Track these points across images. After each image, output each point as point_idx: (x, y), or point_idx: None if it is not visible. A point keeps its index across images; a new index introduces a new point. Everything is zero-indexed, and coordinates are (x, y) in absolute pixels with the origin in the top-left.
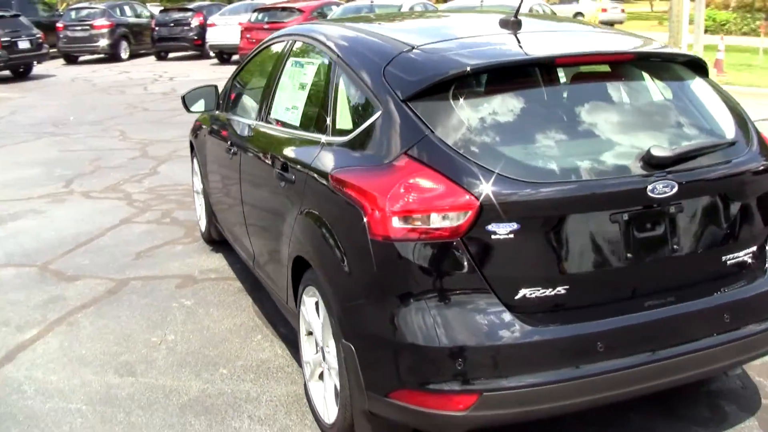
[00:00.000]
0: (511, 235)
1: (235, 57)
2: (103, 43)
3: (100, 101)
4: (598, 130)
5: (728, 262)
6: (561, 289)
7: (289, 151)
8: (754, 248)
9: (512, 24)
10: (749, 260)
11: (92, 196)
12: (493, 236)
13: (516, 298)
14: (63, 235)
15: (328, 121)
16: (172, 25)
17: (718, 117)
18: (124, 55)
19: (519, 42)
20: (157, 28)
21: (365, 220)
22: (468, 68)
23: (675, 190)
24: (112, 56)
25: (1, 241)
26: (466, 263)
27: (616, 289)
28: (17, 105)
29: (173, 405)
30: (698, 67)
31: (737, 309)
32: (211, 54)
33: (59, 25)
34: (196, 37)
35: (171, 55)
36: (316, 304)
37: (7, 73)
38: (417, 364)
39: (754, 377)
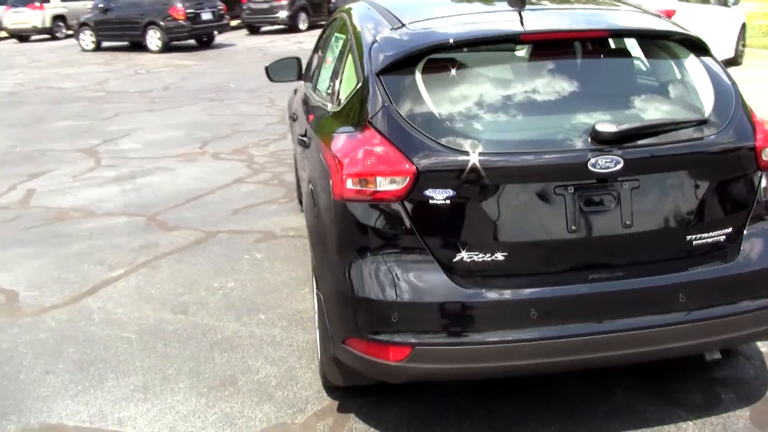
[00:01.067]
0: (447, 201)
1: None
2: (283, 14)
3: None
4: (551, 105)
5: (694, 243)
6: (499, 256)
7: (309, 119)
8: (727, 230)
9: (517, 2)
10: (718, 242)
11: (220, 157)
12: (430, 201)
13: (454, 260)
14: (180, 190)
15: (335, 91)
16: None
17: (700, 96)
18: (303, 26)
19: (506, 19)
20: (333, 1)
21: (330, 181)
22: (426, 45)
23: (620, 166)
24: (291, 27)
25: (126, 193)
26: (406, 225)
27: (558, 260)
28: (191, 72)
29: (206, 342)
30: (693, 45)
31: (696, 291)
32: None
33: None
34: None
35: None
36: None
37: (192, 42)
38: (362, 314)
39: None
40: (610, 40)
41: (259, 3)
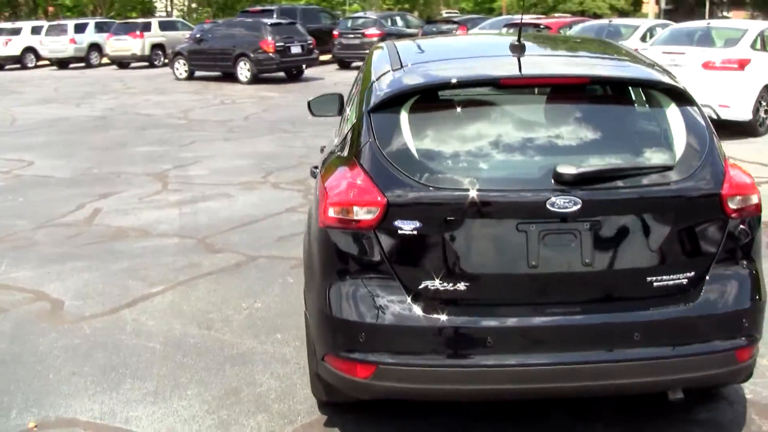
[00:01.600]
0: (415, 232)
1: None
2: None
3: None
4: (521, 147)
5: (654, 284)
6: (461, 286)
7: (322, 151)
8: (689, 274)
9: (517, 48)
10: (680, 285)
11: (279, 187)
12: (399, 231)
13: (419, 287)
14: (234, 216)
15: (341, 127)
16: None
17: (672, 144)
18: None
19: (501, 64)
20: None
21: (320, 209)
22: (412, 87)
23: (578, 207)
24: None
25: (184, 216)
26: (377, 253)
27: (518, 293)
28: (273, 104)
29: (222, 355)
30: (675, 94)
31: (651, 330)
32: None
33: (335, 32)
34: None
35: None
36: None
37: (281, 75)
38: (337, 333)
39: (751, 414)
40: (590, 87)
41: (350, 38)
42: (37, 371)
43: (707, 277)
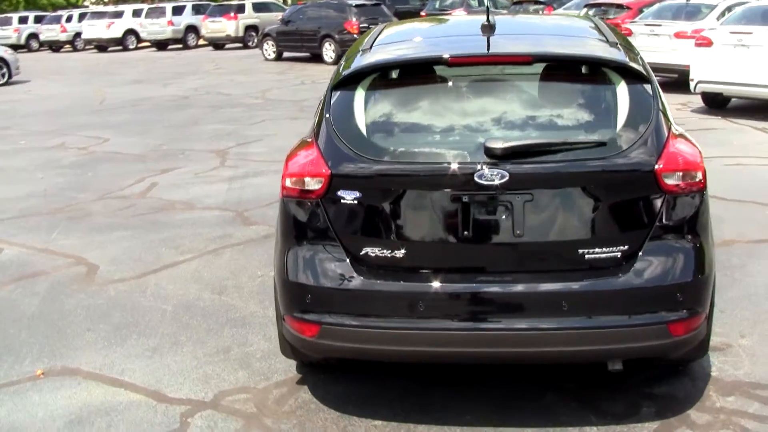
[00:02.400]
0: (356, 202)
1: None
2: None
3: None
4: (462, 123)
5: (586, 256)
6: (398, 253)
7: None
8: (623, 248)
9: (487, 27)
10: (613, 258)
11: None
12: (342, 201)
13: (360, 253)
14: (277, 192)
15: None
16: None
17: (614, 120)
18: None
19: (456, 45)
20: None
21: (281, 181)
22: (368, 66)
23: (505, 179)
24: None
25: (231, 191)
26: (324, 221)
27: (450, 261)
28: None
29: (225, 318)
30: (626, 72)
31: (581, 301)
32: None
33: (423, 12)
34: None
35: None
36: None
37: None
38: (290, 295)
39: (709, 391)
40: (538, 65)
41: None
42: (58, 327)
43: (641, 252)
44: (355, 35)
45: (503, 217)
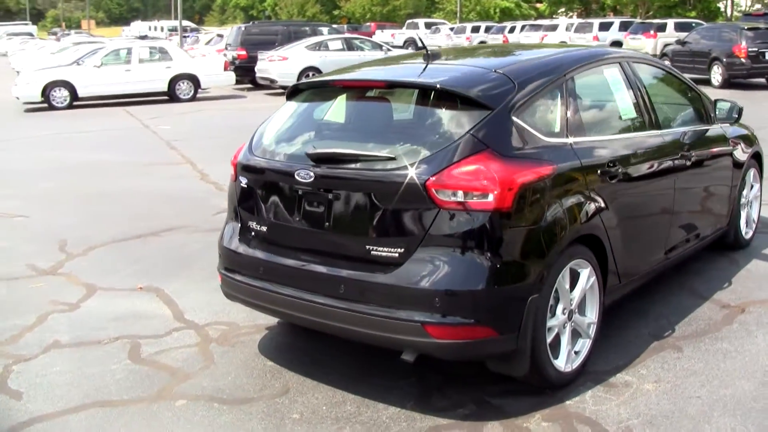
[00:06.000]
0: (245, 186)
1: None
2: None
3: None
4: (317, 133)
5: (371, 252)
6: (263, 228)
7: None
8: (400, 250)
9: (427, 57)
10: (392, 258)
11: None
12: (241, 185)
13: (248, 225)
14: None
15: None
16: None
17: (419, 138)
18: None
19: (386, 70)
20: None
21: None
22: (299, 85)
23: (311, 179)
24: None
25: None
26: (235, 199)
27: (288, 239)
28: None
29: None
30: (456, 97)
31: (354, 288)
32: None
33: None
34: None
35: None
36: None
37: (762, 81)
38: (219, 254)
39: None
40: (394, 90)
41: None
42: (178, 259)
43: (411, 256)
44: (742, 59)
45: (321, 209)
